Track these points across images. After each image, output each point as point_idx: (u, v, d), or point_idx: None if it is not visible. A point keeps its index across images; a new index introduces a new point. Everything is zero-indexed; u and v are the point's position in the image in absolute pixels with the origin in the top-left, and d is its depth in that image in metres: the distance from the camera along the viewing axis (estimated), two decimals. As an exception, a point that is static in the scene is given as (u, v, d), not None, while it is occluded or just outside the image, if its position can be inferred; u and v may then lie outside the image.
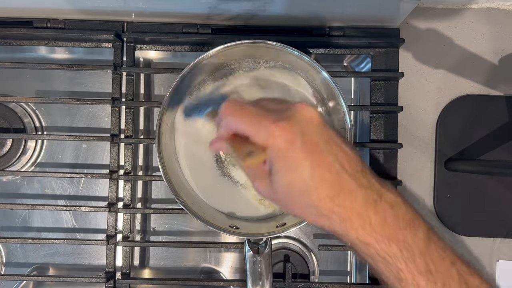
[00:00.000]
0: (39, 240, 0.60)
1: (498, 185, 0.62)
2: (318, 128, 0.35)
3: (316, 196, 0.34)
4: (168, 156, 0.54)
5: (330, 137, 0.35)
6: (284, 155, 0.34)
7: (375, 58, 0.61)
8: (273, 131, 0.34)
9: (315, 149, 0.34)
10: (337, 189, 0.34)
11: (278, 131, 0.34)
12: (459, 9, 0.63)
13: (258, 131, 0.35)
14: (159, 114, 0.51)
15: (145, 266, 0.64)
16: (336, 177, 0.34)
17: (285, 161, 0.34)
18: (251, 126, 0.36)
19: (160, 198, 0.65)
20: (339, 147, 0.35)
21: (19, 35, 0.60)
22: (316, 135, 0.35)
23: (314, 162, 0.34)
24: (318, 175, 0.34)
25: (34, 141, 0.64)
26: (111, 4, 0.57)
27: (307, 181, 0.34)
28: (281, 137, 0.34)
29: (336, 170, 0.34)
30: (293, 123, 0.34)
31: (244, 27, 0.61)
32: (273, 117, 0.35)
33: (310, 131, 0.35)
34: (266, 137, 0.34)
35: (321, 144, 0.34)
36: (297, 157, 0.34)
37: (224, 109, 0.38)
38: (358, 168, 0.35)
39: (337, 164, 0.34)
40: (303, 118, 0.35)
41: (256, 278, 0.51)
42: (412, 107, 0.63)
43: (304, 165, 0.34)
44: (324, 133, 0.35)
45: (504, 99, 0.63)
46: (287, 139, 0.34)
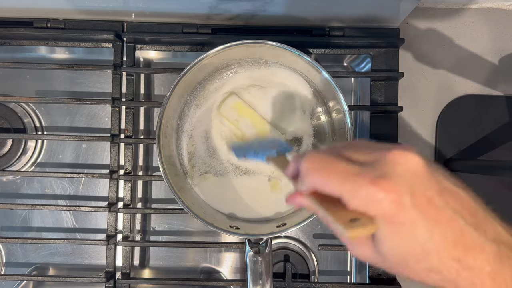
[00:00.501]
0: (39, 240, 0.60)
1: (498, 185, 0.62)
2: (426, 179, 0.29)
3: (437, 259, 0.28)
4: (169, 157, 0.55)
5: (443, 187, 0.29)
6: (393, 220, 0.28)
7: (375, 58, 0.61)
8: (375, 194, 0.28)
9: (429, 205, 0.28)
10: (462, 247, 0.28)
11: (380, 193, 0.28)
12: (459, 9, 0.63)
13: (355, 194, 0.29)
14: (159, 114, 0.51)
15: (145, 266, 0.64)
16: (460, 233, 0.28)
17: (394, 227, 0.29)
18: (344, 188, 0.29)
19: (160, 198, 0.65)
20: (454, 194, 0.30)
21: (19, 35, 0.60)
22: (427, 188, 0.29)
23: (431, 221, 0.28)
24: (437, 235, 0.28)
25: (34, 141, 0.64)
26: (111, 4, 0.57)
27: (426, 246, 0.28)
28: (386, 199, 0.28)
29: (457, 225, 0.28)
30: (394, 178, 0.28)
31: (244, 27, 0.61)
32: (368, 174, 0.29)
33: (418, 185, 0.28)
34: (365, 201, 0.28)
35: (435, 197, 0.29)
36: (409, 220, 0.28)
37: (306, 167, 0.31)
38: (481, 216, 0.30)
39: (457, 217, 0.29)
40: (406, 170, 0.29)
41: (256, 278, 0.51)
42: (412, 107, 0.63)
43: (419, 227, 0.28)
44: (434, 183, 0.29)
45: (504, 99, 0.63)
46: (394, 200, 0.28)
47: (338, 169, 0.30)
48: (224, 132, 0.57)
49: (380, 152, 0.30)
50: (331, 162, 0.30)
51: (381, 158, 0.30)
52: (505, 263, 0.28)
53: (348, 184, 0.29)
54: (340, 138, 0.54)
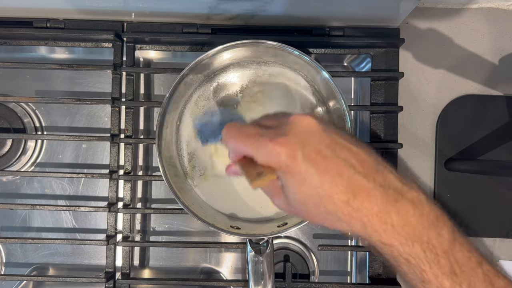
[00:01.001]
0: (39, 240, 0.60)
1: (498, 185, 0.62)
2: (318, 134, 0.34)
3: (331, 203, 0.33)
4: (169, 157, 0.54)
5: (333, 141, 0.34)
6: (290, 170, 0.33)
7: (375, 58, 0.61)
8: (272, 149, 0.33)
9: (319, 156, 0.33)
10: (351, 192, 0.32)
11: (277, 147, 0.33)
12: (459, 9, 0.63)
13: (259, 151, 0.34)
14: (159, 114, 0.51)
15: (145, 266, 0.64)
16: (349, 180, 0.32)
17: (292, 176, 0.33)
18: (250, 147, 0.35)
19: (160, 198, 0.65)
20: (346, 148, 0.34)
21: (19, 35, 0.60)
22: (317, 142, 0.33)
23: (321, 169, 0.32)
24: (328, 181, 0.32)
25: (34, 141, 0.64)
26: (111, 4, 0.57)
27: (318, 191, 0.33)
28: (282, 153, 0.33)
29: (347, 173, 0.32)
30: (290, 136, 0.33)
31: (244, 27, 0.61)
32: (270, 134, 0.34)
33: (309, 140, 0.33)
34: (267, 156, 0.34)
35: (325, 150, 0.33)
36: (302, 169, 0.33)
37: (224, 135, 0.38)
38: (372, 166, 0.33)
39: (347, 166, 0.33)
40: (300, 129, 0.34)
41: (258, 278, 0.51)
42: (412, 107, 0.63)
43: (311, 175, 0.32)
44: (325, 138, 0.34)
45: (504, 99, 0.63)
46: (288, 154, 0.33)
47: (247, 133, 0.36)
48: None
49: (283, 117, 0.36)
50: (243, 129, 0.37)
51: (282, 121, 0.35)
52: (391, 204, 0.32)
53: (254, 143, 0.35)
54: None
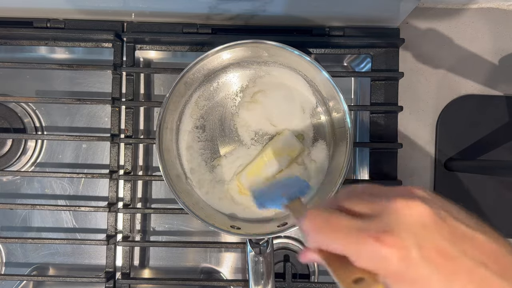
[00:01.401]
0: (39, 240, 0.60)
1: (498, 185, 0.62)
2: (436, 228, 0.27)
3: None
4: (169, 158, 0.54)
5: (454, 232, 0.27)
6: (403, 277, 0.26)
7: (375, 58, 0.61)
8: (379, 251, 0.26)
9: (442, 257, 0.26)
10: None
11: (385, 249, 0.26)
12: (459, 9, 0.63)
13: (359, 253, 0.27)
14: (159, 114, 0.51)
15: (145, 266, 0.64)
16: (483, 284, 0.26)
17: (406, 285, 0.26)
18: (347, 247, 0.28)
19: (160, 198, 0.65)
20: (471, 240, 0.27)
21: (19, 35, 0.60)
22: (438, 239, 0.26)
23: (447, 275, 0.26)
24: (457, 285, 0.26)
25: (34, 141, 0.64)
26: (111, 4, 0.57)
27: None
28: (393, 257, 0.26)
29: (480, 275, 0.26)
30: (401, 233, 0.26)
31: (244, 27, 0.61)
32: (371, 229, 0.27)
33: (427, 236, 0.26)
34: (371, 260, 0.27)
35: (448, 248, 0.26)
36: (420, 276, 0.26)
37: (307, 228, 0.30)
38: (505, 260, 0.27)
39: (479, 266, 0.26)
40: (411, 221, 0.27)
41: (258, 278, 0.51)
42: (412, 107, 0.63)
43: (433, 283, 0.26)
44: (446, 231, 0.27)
45: (504, 99, 0.63)
46: (401, 257, 0.26)
47: (339, 227, 0.28)
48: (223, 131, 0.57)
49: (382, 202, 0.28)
50: (332, 220, 0.29)
51: (383, 209, 0.28)
52: None
53: (352, 242, 0.27)
54: (340, 138, 0.54)
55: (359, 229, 0.27)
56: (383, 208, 0.28)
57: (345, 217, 0.28)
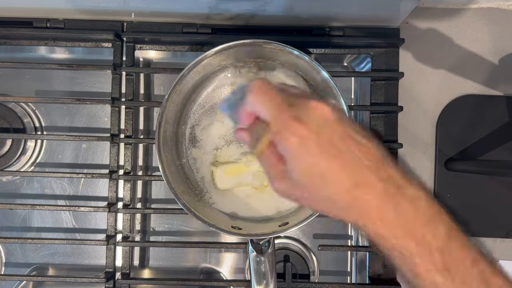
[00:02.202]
0: (39, 240, 0.60)
1: (498, 185, 0.62)
2: (332, 125, 0.35)
3: (334, 189, 0.34)
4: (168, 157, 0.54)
5: (346, 133, 0.35)
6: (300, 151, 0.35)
7: (375, 58, 0.61)
8: (290, 125, 0.35)
9: (330, 146, 0.34)
10: (354, 181, 0.34)
11: (294, 126, 0.35)
12: (459, 9, 0.63)
13: (276, 118, 0.36)
14: (159, 114, 0.51)
15: (145, 266, 0.64)
16: (353, 169, 0.34)
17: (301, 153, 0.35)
18: (271, 111, 0.36)
19: (160, 198, 0.65)
20: (355, 141, 0.35)
21: (19, 35, 0.60)
22: (331, 133, 0.35)
23: (330, 157, 0.34)
24: (335, 168, 0.34)
25: (34, 141, 0.63)
26: (110, 4, 0.57)
27: (325, 175, 0.34)
28: (296, 133, 0.34)
29: (353, 163, 0.34)
30: (308, 122, 0.35)
31: (244, 27, 0.61)
32: (293, 112, 0.36)
33: (324, 130, 0.35)
34: (282, 127, 0.35)
35: (337, 141, 0.35)
36: (312, 150, 0.34)
37: (253, 87, 0.39)
38: (378, 160, 0.35)
39: (354, 158, 0.34)
40: (318, 116, 0.35)
41: (260, 278, 0.51)
42: (412, 107, 0.63)
43: (320, 160, 0.34)
44: (339, 130, 0.35)
45: (504, 99, 0.63)
46: (302, 136, 0.34)
47: (274, 97, 0.37)
48: (223, 132, 0.57)
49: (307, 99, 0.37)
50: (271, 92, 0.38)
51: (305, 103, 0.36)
52: (389, 198, 0.34)
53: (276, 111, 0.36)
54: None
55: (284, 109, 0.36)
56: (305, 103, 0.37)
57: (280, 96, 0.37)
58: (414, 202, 0.34)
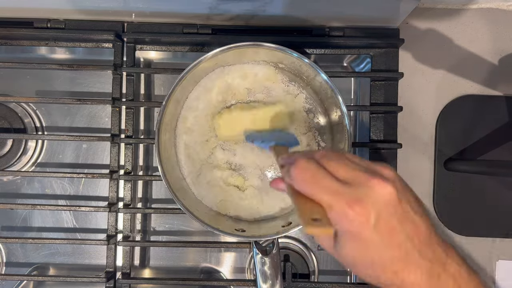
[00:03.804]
0: (40, 240, 0.60)
1: (498, 185, 0.62)
2: (393, 207, 0.34)
3: (381, 271, 0.34)
4: (168, 157, 0.55)
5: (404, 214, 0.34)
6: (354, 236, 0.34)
7: (375, 58, 0.61)
8: (348, 214, 0.33)
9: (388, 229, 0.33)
10: (403, 264, 0.33)
11: (352, 215, 0.33)
12: (459, 9, 0.63)
13: (331, 208, 0.33)
14: (159, 114, 0.51)
15: (146, 266, 0.65)
16: (404, 253, 0.33)
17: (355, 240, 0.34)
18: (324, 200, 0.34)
19: (160, 198, 0.65)
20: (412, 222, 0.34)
21: (19, 35, 0.60)
22: (391, 216, 0.33)
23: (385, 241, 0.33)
24: (388, 253, 0.33)
25: (35, 141, 0.64)
26: (111, 4, 0.57)
27: (374, 258, 0.34)
28: (355, 222, 0.33)
29: (405, 247, 0.33)
30: (368, 205, 0.33)
31: (244, 27, 0.61)
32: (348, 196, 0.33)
33: (385, 213, 0.33)
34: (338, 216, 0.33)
35: (395, 224, 0.33)
36: (368, 239, 0.33)
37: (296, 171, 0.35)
38: (427, 240, 0.34)
39: (408, 241, 0.33)
40: (380, 199, 0.33)
41: (266, 279, 0.52)
42: (412, 107, 0.63)
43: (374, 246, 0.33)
44: (398, 210, 0.34)
45: (504, 99, 0.63)
46: (361, 222, 0.33)
47: (323, 184, 0.34)
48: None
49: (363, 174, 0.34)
50: (318, 176, 0.35)
51: (362, 181, 0.34)
52: (434, 279, 0.33)
53: (329, 199, 0.34)
54: (339, 139, 0.55)
55: (337, 191, 0.34)
56: (362, 180, 0.34)
57: (329, 177, 0.34)
58: (457, 281, 0.34)
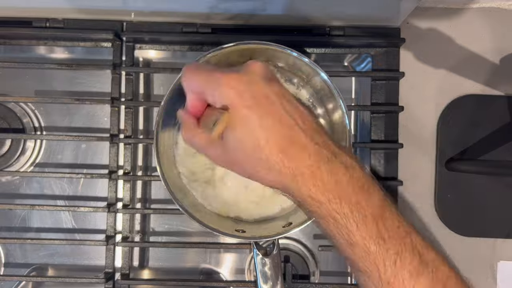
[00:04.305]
0: (38, 240, 0.60)
1: (499, 185, 0.62)
2: (269, 81, 0.34)
3: (268, 149, 0.33)
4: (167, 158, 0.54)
5: (282, 93, 0.34)
6: (236, 109, 0.34)
7: (376, 58, 0.60)
8: (221, 80, 0.34)
9: (265, 100, 0.33)
10: (288, 141, 0.33)
11: (225, 80, 0.34)
12: (460, 8, 0.63)
13: (210, 86, 0.35)
14: (157, 114, 0.51)
15: (145, 266, 0.64)
16: (288, 130, 0.33)
17: (237, 116, 0.34)
18: (204, 82, 0.36)
19: (159, 199, 0.65)
20: (292, 103, 0.34)
21: (18, 34, 0.60)
22: (266, 87, 0.34)
23: (264, 112, 0.33)
24: (268, 125, 0.33)
25: (33, 141, 0.63)
26: (110, 3, 0.57)
27: (258, 132, 0.33)
28: (229, 86, 0.33)
29: (288, 123, 0.33)
30: (241, 74, 0.34)
31: (244, 26, 0.61)
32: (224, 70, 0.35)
33: (260, 83, 0.34)
34: (219, 92, 0.34)
35: (272, 96, 0.34)
36: (246, 107, 0.33)
37: (183, 71, 0.38)
38: (313, 127, 0.34)
39: (289, 118, 0.33)
40: (252, 70, 0.35)
41: (266, 280, 0.51)
42: (413, 107, 0.63)
43: (253, 115, 0.33)
44: (275, 87, 0.34)
45: (506, 99, 0.62)
46: (235, 88, 0.33)
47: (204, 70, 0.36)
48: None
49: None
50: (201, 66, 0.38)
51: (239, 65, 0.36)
52: (324, 162, 0.33)
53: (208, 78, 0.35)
54: (339, 139, 0.54)
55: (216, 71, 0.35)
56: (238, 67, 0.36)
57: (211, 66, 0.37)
58: (349, 170, 0.33)
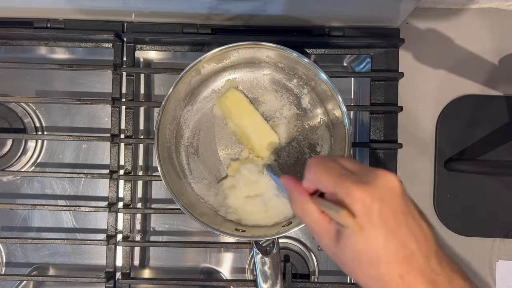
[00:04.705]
0: (39, 240, 0.60)
1: (498, 185, 0.62)
2: (399, 198, 0.33)
3: (386, 269, 0.32)
4: (168, 158, 0.54)
5: (409, 210, 0.34)
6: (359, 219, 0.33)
7: (375, 58, 0.61)
8: (353, 192, 0.33)
9: (393, 219, 0.33)
10: (408, 266, 0.32)
11: (358, 193, 0.33)
12: (459, 9, 0.63)
13: (337, 187, 0.34)
14: (158, 115, 0.51)
15: (145, 266, 0.64)
16: (410, 255, 0.32)
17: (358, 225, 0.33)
18: (331, 181, 0.35)
19: (160, 198, 0.65)
20: (416, 222, 0.34)
21: (19, 35, 0.60)
22: (396, 205, 0.33)
23: (390, 233, 0.32)
24: (392, 247, 0.32)
25: (34, 141, 0.64)
26: (111, 4, 0.57)
27: (379, 251, 0.32)
28: (360, 200, 0.32)
29: (410, 247, 0.32)
30: (374, 188, 0.33)
31: (244, 27, 0.61)
32: (354, 178, 0.34)
33: (390, 200, 0.33)
34: (344, 196, 0.33)
35: (400, 215, 0.33)
36: (372, 225, 0.32)
37: (309, 163, 0.38)
38: (432, 249, 0.33)
39: (412, 241, 0.33)
40: (385, 185, 0.33)
41: (266, 279, 0.51)
42: (412, 107, 0.63)
43: (379, 233, 0.32)
44: (403, 204, 0.33)
45: (504, 99, 0.63)
46: (366, 204, 0.32)
47: (332, 168, 0.36)
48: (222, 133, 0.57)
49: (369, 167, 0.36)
50: (329, 163, 0.37)
51: (368, 171, 0.35)
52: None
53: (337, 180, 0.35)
54: (339, 140, 0.54)
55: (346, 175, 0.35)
56: (368, 170, 0.35)
57: (340, 167, 0.36)
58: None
